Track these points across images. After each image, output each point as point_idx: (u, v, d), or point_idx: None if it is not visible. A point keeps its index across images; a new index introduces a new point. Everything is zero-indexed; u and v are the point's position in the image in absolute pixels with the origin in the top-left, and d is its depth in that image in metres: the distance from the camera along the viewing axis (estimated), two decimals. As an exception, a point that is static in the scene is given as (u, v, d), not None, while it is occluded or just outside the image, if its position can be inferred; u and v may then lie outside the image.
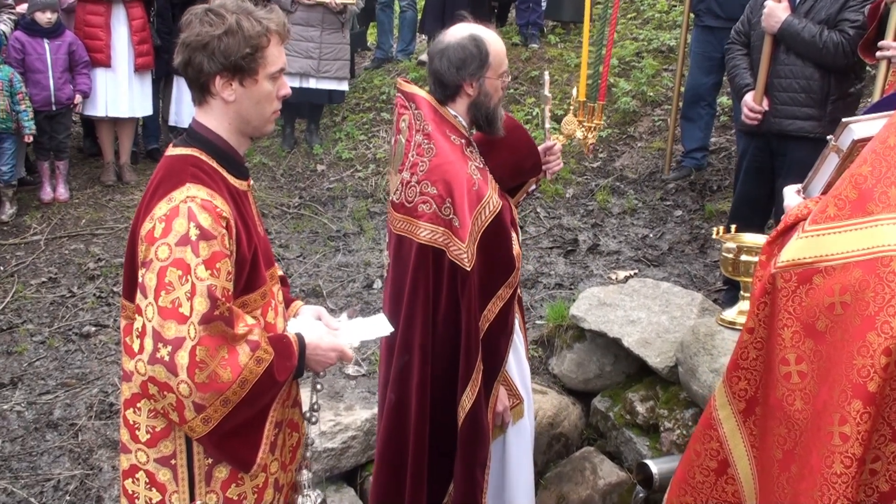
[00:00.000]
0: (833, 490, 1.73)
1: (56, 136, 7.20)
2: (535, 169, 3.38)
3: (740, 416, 2.08)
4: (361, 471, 4.38)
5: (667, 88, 7.81)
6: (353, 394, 4.65)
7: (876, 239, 1.71)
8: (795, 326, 1.84)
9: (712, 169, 6.84)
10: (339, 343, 2.45)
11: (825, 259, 1.79)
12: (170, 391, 2.12)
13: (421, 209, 2.97)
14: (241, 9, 2.24)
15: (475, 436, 3.08)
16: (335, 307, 5.69)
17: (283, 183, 7.75)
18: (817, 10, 4.56)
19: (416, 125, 3.05)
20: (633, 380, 4.65)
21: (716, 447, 2.15)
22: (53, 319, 5.72)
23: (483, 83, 3.04)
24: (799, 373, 1.85)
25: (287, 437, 2.50)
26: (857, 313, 1.72)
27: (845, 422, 1.71)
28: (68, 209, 7.20)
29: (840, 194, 1.79)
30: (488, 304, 3.06)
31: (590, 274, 5.85)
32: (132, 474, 2.35)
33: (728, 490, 2.16)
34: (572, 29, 9.39)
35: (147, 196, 2.26)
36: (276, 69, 2.30)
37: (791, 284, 1.84)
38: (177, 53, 2.27)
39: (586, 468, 4.34)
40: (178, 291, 2.10)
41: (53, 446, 4.57)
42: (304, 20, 7.70)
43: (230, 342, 2.16)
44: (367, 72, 9.51)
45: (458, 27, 3.09)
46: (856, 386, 1.69)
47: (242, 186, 2.37)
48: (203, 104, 2.32)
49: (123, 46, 7.38)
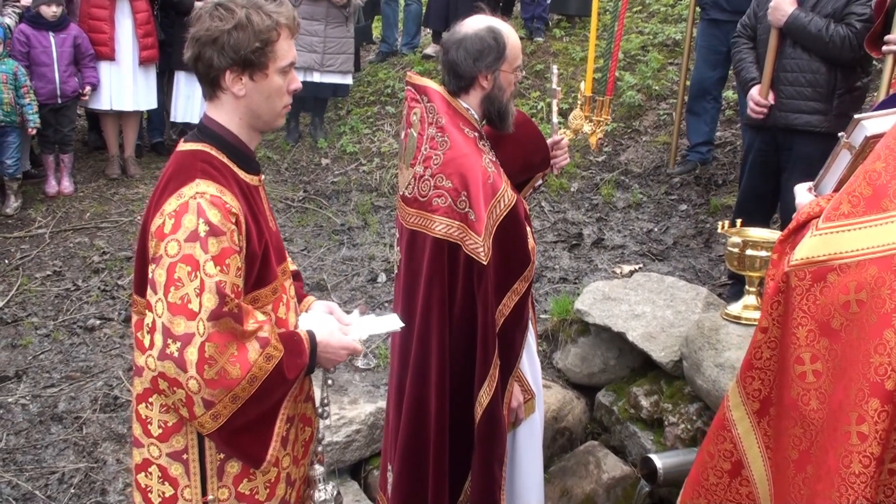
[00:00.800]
0: (852, 490, 1.72)
1: (61, 130, 7.21)
2: (544, 164, 3.37)
3: (754, 417, 2.07)
4: (365, 464, 4.39)
5: (672, 82, 7.80)
6: (358, 387, 4.66)
7: (891, 236, 1.70)
8: (810, 325, 1.83)
9: (718, 163, 6.83)
10: (349, 341, 2.44)
11: (840, 256, 1.78)
12: (179, 387, 2.12)
13: (436, 203, 2.95)
14: (251, 3, 2.22)
15: (492, 432, 3.07)
16: (340, 301, 5.69)
17: (288, 177, 7.75)
18: (824, 3, 4.55)
19: (428, 118, 3.02)
20: (637, 374, 4.66)
21: (729, 448, 2.13)
22: (58, 312, 5.73)
23: (498, 76, 3.02)
24: (814, 372, 1.84)
25: (300, 432, 2.50)
26: (873, 311, 1.71)
27: (863, 421, 1.70)
28: (73, 202, 7.21)
29: (854, 191, 1.78)
30: (504, 298, 3.04)
31: (594, 268, 5.85)
32: (145, 468, 2.35)
33: (742, 492, 2.15)
34: (577, 23, 9.37)
35: (157, 191, 2.25)
36: (287, 63, 2.29)
37: (805, 282, 1.83)
38: (186, 48, 2.26)
39: (590, 462, 4.34)
40: (188, 287, 2.10)
41: (58, 439, 4.58)
42: (308, 14, 7.69)
43: (240, 339, 2.15)
44: (372, 65, 9.51)
45: (475, 18, 3.06)
46: (873, 384, 1.68)
47: (253, 181, 2.36)
48: (214, 99, 2.31)
49: (128, 40, 7.38)
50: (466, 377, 3.06)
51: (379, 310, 5.45)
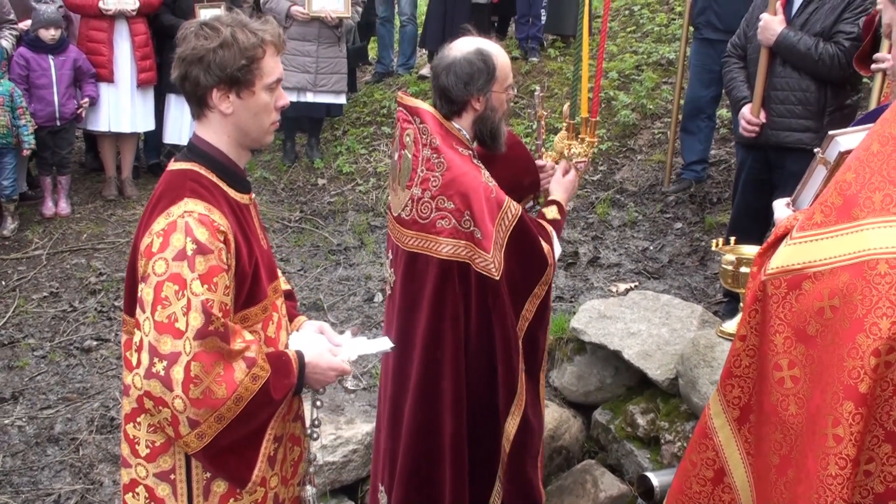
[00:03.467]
0: (829, 492, 1.75)
1: (59, 152, 7.23)
2: (534, 186, 3.39)
3: (735, 424, 2.09)
4: (362, 484, 4.37)
5: (666, 101, 7.83)
6: (354, 407, 4.65)
7: (861, 243, 1.74)
8: (787, 332, 1.87)
9: (712, 181, 6.86)
10: (338, 362, 2.44)
11: (813, 265, 1.82)
12: (165, 406, 2.12)
13: (440, 225, 2.96)
14: (236, 21, 2.24)
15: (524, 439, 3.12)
16: (336, 321, 5.69)
17: (284, 197, 7.77)
18: (813, 22, 4.58)
19: (422, 139, 3.03)
20: (633, 392, 4.65)
21: (712, 456, 2.15)
22: (55, 334, 5.74)
23: (490, 97, 3.03)
24: (792, 377, 1.87)
25: (288, 452, 2.50)
26: (846, 317, 1.75)
27: (838, 423, 1.73)
28: (70, 224, 7.22)
29: (826, 201, 1.82)
30: (525, 304, 3.06)
31: (590, 287, 5.86)
32: (132, 489, 2.35)
33: (725, 499, 2.17)
34: (572, 42, 9.41)
35: (147, 211, 2.27)
36: (273, 80, 2.30)
37: (781, 290, 1.87)
38: (173, 68, 2.28)
39: (587, 481, 4.33)
40: (175, 306, 2.10)
41: (54, 461, 4.57)
42: (300, 35, 7.74)
43: (226, 358, 2.15)
44: (368, 86, 9.55)
45: (462, 41, 3.08)
46: (847, 387, 1.72)
47: (244, 200, 2.37)
48: (202, 118, 2.32)
49: (126, 62, 7.42)
50: (487, 395, 3.08)
51: (376, 329, 5.46)
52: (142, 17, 7.42)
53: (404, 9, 9.48)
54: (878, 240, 1.72)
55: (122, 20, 7.33)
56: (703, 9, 6.44)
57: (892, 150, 1.75)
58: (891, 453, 1.79)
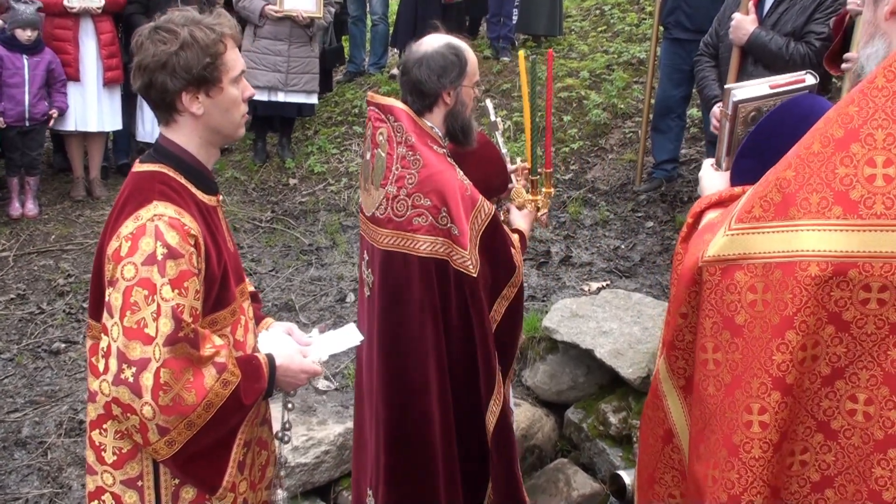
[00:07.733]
0: (751, 472, 1.86)
1: (28, 153, 7.13)
2: (502, 187, 3.42)
3: (681, 392, 2.19)
4: (335, 485, 4.35)
5: (637, 101, 7.87)
6: (326, 408, 4.63)
7: (795, 243, 1.80)
8: (716, 317, 1.95)
9: (683, 180, 6.90)
10: (308, 365, 2.43)
11: (748, 257, 1.88)
12: (133, 413, 2.08)
13: (416, 222, 2.96)
14: (190, 20, 2.19)
15: (506, 437, 3.14)
16: (308, 321, 5.66)
17: (255, 197, 7.72)
18: (784, 22, 4.62)
19: (396, 137, 3.03)
20: (605, 391, 4.67)
21: (661, 416, 2.25)
22: (22, 336, 5.65)
23: (460, 91, 3.05)
24: (714, 360, 1.97)
25: (256, 456, 2.47)
26: (776, 312, 1.82)
27: (765, 411, 1.84)
28: (37, 225, 7.12)
29: (766, 196, 1.87)
30: (493, 304, 3.09)
31: (562, 286, 5.87)
32: (98, 496, 2.31)
33: (675, 458, 2.26)
34: (543, 42, 9.44)
35: (114, 213, 2.23)
36: (238, 72, 2.27)
37: (715, 278, 1.93)
38: (134, 78, 2.22)
39: (560, 480, 4.34)
40: (144, 312, 2.07)
41: (22, 465, 4.50)
42: (271, 34, 7.70)
43: (196, 364, 2.12)
44: (340, 86, 9.51)
45: (433, 37, 3.10)
46: (776, 379, 1.82)
47: (211, 202, 2.34)
48: (171, 123, 2.28)
49: (92, 61, 7.32)
50: (469, 389, 3.10)
51: (340, 323, 5.43)
52: (108, 15, 7.33)
53: (376, 8, 9.47)
54: (811, 242, 1.78)
55: (88, 18, 7.23)
56: (673, 9, 6.48)
57: (832, 152, 1.79)
58: (823, 442, 1.87)
